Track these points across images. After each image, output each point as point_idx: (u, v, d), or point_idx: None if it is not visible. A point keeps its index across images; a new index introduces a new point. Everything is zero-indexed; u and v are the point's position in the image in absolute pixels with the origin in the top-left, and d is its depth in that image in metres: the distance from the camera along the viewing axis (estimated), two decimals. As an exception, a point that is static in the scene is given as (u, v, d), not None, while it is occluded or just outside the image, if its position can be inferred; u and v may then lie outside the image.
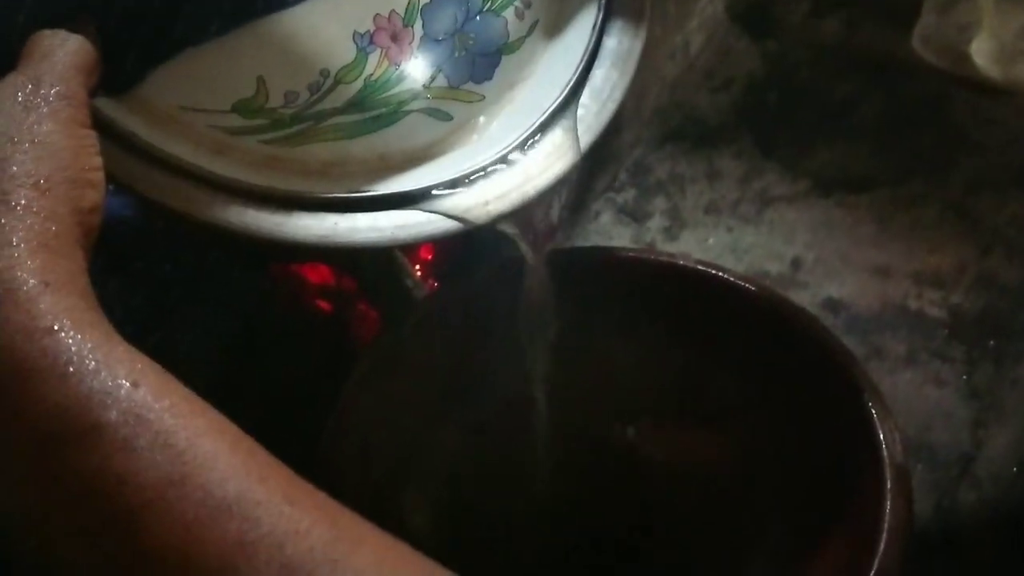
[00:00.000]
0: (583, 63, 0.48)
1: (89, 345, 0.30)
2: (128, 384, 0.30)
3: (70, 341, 0.30)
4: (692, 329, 0.56)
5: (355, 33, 0.43)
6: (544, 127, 0.47)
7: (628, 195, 0.82)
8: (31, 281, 0.30)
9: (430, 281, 0.69)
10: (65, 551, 0.29)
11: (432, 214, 0.44)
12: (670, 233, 0.79)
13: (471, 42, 0.47)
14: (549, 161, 0.47)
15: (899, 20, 0.92)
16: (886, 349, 0.69)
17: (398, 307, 0.65)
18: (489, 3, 0.47)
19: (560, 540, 0.55)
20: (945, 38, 0.87)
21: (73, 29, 0.37)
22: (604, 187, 0.82)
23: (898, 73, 0.88)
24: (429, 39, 0.45)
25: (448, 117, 0.47)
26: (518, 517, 0.55)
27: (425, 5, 0.45)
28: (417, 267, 0.71)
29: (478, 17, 0.47)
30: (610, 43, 0.49)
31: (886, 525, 0.44)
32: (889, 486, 0.45)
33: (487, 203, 0.45)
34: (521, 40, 0.48)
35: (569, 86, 0.48)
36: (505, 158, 0.47)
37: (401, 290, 0.68)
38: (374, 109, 0.45)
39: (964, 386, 0.66)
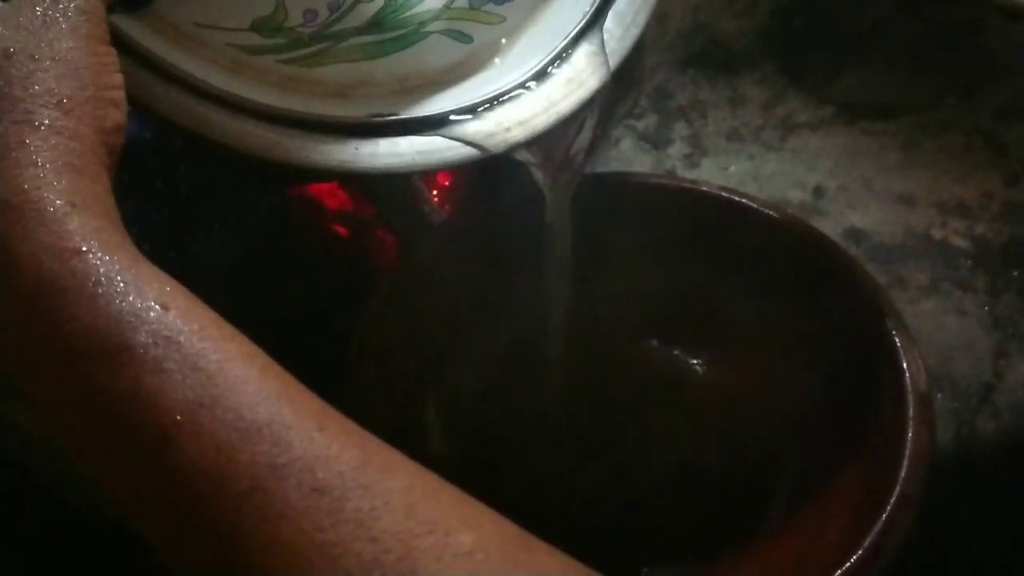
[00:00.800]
0: None
1: (118, 266, 0.30)
2: (158, 306, 0.30)
3: (99, 262, 0.30)
4: (716, 255, 0.56)
5: None
6: (566, 51, 0.46)
7: (649, 121, 0.81)
8: (58, 202, 0.30)
9: (447, 207, 0.69)
10: (98, 468, 0.30)
11: (453, 140, 0.43)
12: (691, 160, 0.78)
13: None
14: (571, 87, 0.46)
15: (931, -58, 0.89)
16: (908, 278, 0.68)
17: (415, 232, 0.64)
18: None
19: (580, 462, 0.55)
20: (977, -39, 0.85)
21: None
22: (624, 113, 0.81)
23: (929, -2, 0.86)
24: None
25: (469, 39, 0.46)
26: (538, 440, 0.55)
27: None
28: (435, 192, 0.70)
29: None
30: None
31: (908, 452, 0.44)
32: (912, 414, 0.45)
33: (508, 129, 0.44)
34: None
35: (593, 8, 0.47)
36: (526, 83, 0.46)
37: (418, 215, 0.68)
38: (394, 30, 0.45)
39: (986, 316, 0.65)
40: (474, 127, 0.44)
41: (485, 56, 0.46)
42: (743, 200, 0.55)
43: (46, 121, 0.31)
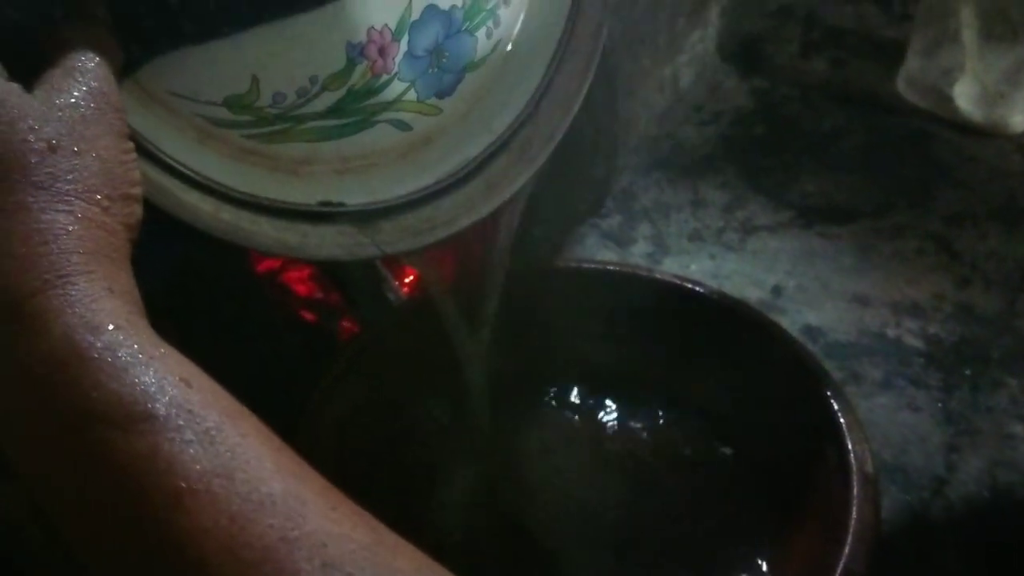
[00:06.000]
0: (534, 99, 0.50)
1: (147, 345, 0.31)
2: (181, 382, 0.30)
3: (130, 339, 0.31)
4: (675, 340, 0.57)
5: (348, 44, 0.44)
6: (492, 153, 0.49)
7: (613, 221, 0.83)
8: (96, 286, 0.31)
9: (414, 295, 0.70)
10: (96, 537, 0.30)
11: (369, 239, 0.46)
12: (653, 259, 0.80)
13: (444, 59, 0.48)
14: (465, 208, 0.48)
15: (884, 61, 0.94)
16: (863, 374, 0.69)
17: (379, 315, 0.65)
18: (468, 22, 0.48)
19: (532, 541, 0.55)
20: (929, 80, 0.89)
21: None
22: (589, 212, 0.83)
23: (882, 111, 0.90)
24: (411, 55, 0.47)
25: (408, 128, 0.49)
26: (488, 518, 0.55)
27: (414, 21, 0.46)
28: (404, 281, 0.72)
29: (456, 35, 0.48)
30: (560, 81, 0.51)
31: (852, 529, 0.45)
32: (856, 492, 0.46)
33: (416, 234, 0.47)
34: (484, 59, 0.50)
35: (524, 112, 0.50)
36: (447, 185, 0.48)
37: (383, 302, 0.69)
38: (350, 116, 0.47)
39: (939, 412, 0.66)
40: (387, 226, 0.47)
41: (418, 144, 0.49)
42: (695, 287, 0.57)
43: (89, 215, 0.33)
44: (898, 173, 0.84)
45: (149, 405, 0.29)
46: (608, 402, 0.59)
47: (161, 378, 0.30)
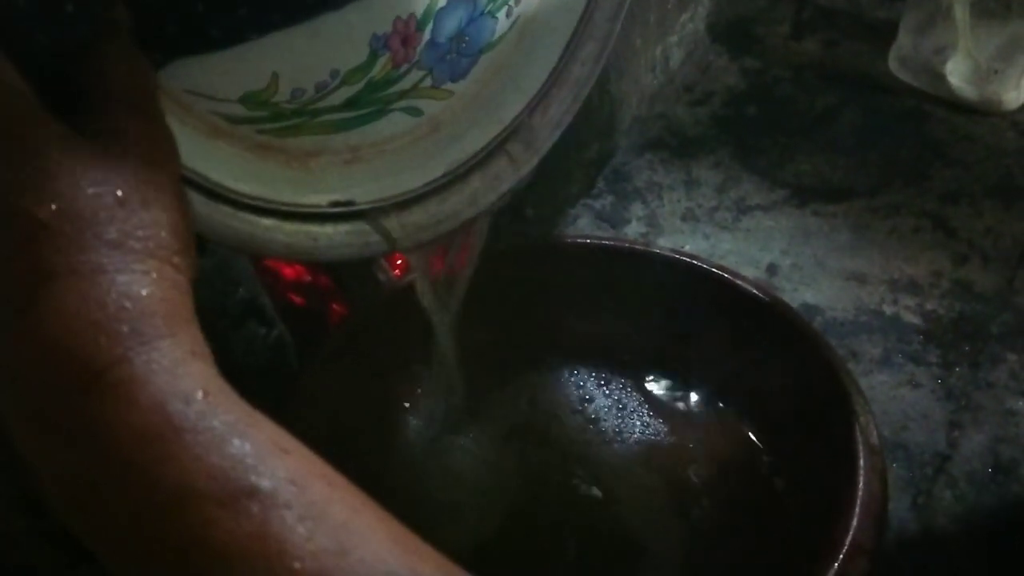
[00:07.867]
0: (546, 84, 0.49)
1: (241, 412, 0.29)
2: (281, 451, 0.28)
3: (223, 406, 0.28)
4: (673, 314, 0.56)
5: (373, 35, 0.43)
6: (491, 153, 0.48)
7: (606, 201, 0.82)
8: (179, 351, 0.29)
9: (405, 276, 0.69)
10: None
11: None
12: (647, 238, 0.79)
13: (464, 44, 0.47)
14: (470, 201, 0.48)
15: (877, 41, 0.93)
16: (862, 352, 0.68)
17: (369, 297, 0.64)
18: (491, 3, 0.46)
19: (530, 515, 0.54)
20: (921, 59, 0.89)
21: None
22: (581, 192, 0.82)
23: (876, 90, 0.89)
24: (433, 43, 0.45)
25: (419, 113, 0.48)
26: (478, 500, 0.54)
27: (440, 8, 0.44)
28: (398, 261, 0.71)
29: (478, 18, 0.47)
30: (573, 66, 0.50)
31: (859, 501, 0.44)
32: (862, 464, 0.45)
33: (422, 229, 0.47)
34: (501, 38, 0.48)
35: (524, 111, 0.49)
36: (446, 185, 0.48)
37: (374, 284, 0.68)
38: (364, 108, 0.46)
39: (939, 388, 0.66)
40: (395, 223, 0.46)
41: (427, 130, 0.48)
42: (693, 261, 0.56)
43: (164, 274, 0.30)
44: (893, 152, 0.83)
45: (253, 479, 0.27)
46: (612, 377, 0.59)
47: (260, 447, 0.28)
